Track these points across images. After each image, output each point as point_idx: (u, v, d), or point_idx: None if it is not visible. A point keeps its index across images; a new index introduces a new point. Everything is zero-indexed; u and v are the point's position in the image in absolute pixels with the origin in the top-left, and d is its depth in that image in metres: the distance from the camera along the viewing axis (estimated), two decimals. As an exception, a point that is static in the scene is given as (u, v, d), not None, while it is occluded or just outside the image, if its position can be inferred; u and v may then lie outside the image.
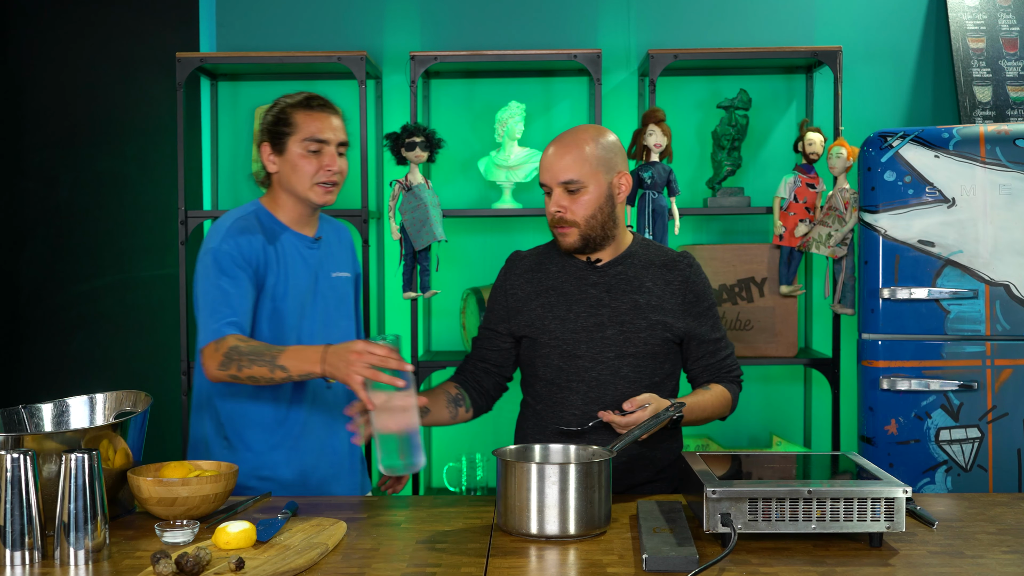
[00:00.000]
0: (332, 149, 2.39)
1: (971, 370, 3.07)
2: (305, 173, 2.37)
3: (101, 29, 3.95)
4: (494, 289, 2.47)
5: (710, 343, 2.37)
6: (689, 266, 2.38)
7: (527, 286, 2.40)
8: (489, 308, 2.47)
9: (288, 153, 2.38)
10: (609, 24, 3.90)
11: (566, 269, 2.38)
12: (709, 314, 2.38)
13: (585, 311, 2.32)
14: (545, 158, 2.32)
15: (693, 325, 2.35)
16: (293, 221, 2.44)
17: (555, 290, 2.36)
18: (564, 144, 2.30)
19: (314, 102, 2.41)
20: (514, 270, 2.45)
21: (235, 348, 2.16)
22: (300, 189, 2.38)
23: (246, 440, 2.37)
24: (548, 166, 2.30)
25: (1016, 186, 3.07)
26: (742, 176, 3.86)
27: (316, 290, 2.43)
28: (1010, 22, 3.78)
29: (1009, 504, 2.12)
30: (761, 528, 1.80)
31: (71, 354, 3.96)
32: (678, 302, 2.34)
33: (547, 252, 2.44)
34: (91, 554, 1.74)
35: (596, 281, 2.34)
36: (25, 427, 2.16)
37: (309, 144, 2.37)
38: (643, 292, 2.33)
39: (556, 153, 2.29)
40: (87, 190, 3.96)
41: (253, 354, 2.15)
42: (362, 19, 3.91)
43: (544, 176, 2.32)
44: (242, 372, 2.15)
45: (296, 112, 2.39)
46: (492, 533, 1.92)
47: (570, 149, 2.29)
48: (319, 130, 2.37)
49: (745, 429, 3.94)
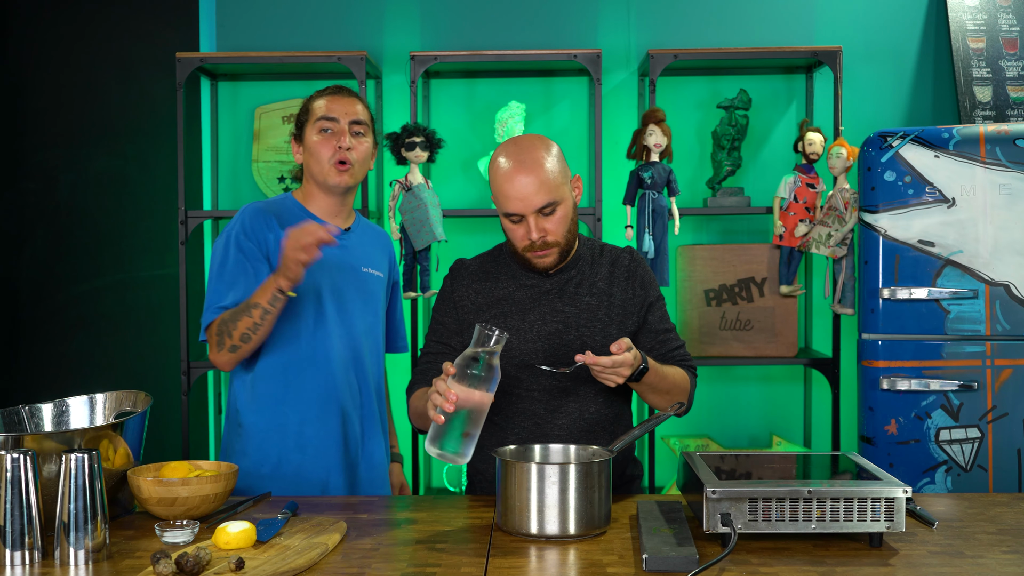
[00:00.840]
0: (343, 127, 2.41)
1: (971, 370, 3.07)
2: (321, 156, 2.41)
3: (101, 29, 3.95)
4: (441, 301, 2.36)
5: (659, 333, 2.31)
6: (632, 259, 2.35)
7: (477, 297, 2.31)
8: (438, 321, 2.35)
9: (306, 140, 2.44)
10: (609, 24, 3.90)
11: (516, 277, 2.31)
12: (657, 306, 2.33)
13: (540, 319, 2.26)
14: (512, 187, 2.16)
15: (643, 317, 2.31)
16: (323, 211, 2.47)
17: (507, 300, 2.29)
18: (526, 168, 2.16)
19: (330, 88, 2.48)
20: (461, 280, 2.35)
21: (221, 322, 2.31)
22: (318, 173, 2.42)
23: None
24: (520, 196, 2.16)
25: (1016, 186, 3.07)
26: (742, 176, 3.86)
27: (341, 279, 2.44)
28: (1010, 22, 3.78)
29: (1009, 504, 2.12)
30: (761, 528, 1.80)
31: (71, 354, 3.96)
32: (628, 297, 2.30)
33: (493, 260, 2.37)
34: (91, 554, 1.74)
35: (548, 288, 2.29)
36: (25, 427, 2.16)
37: (322, 124, 2.41)
38: (594, 294, 2.29)
39: (525, 181, 2.15)
40: (87, 190, 3.96)
41: (232, 316, 2.29)
42: (362, 19, 3.91)
43: (515, 206, 2.17)
44: (234, 337, 2.29)
45: (312, 100, 2.47)
46: (492, 533, 1.92)
47: (535, 171, 2.15)
48: (329, 110, 2.42)
49: (745, 429, 3.94)
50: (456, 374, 1.93)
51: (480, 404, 1.93)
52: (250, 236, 2.38)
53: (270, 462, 2.41)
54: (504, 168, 2.18)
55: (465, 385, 1.92)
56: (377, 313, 2.52)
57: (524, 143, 2.22)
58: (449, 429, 1.93)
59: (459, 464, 1.96)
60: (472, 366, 1.93)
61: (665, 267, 3.46)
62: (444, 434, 1.94)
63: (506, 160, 2.19)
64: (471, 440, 1.95)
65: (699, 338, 3.61)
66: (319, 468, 2.41)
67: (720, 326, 3.60)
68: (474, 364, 1.93)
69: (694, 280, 3.63)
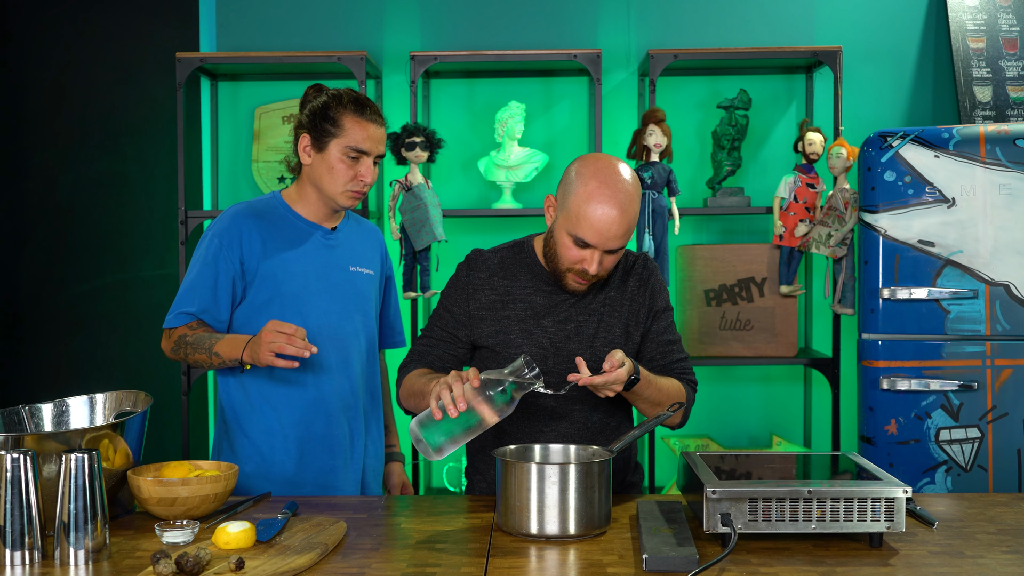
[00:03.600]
0: (370, 160, 2.39)
1: (971, 370, 3.07)
2: (340, 179, 2.38)
3: (101, 29, 3.95)
4: (454, 289, 2.30)
5: (663, 343, 2.28)
6: (645, 267, 2.32)
7: (492, 293, 2.27)
8: (446, 308, 2.30)
9: (327, 154, 2.38)
10: (609, 24, 3.90)
11: (535, 280, 2.27)
12: (664, 315, 2.30)
13: (552, 326, 2.24)
14: (600, 219, 2.09)
15: (649, 324, 2.29)
16: (312, 214, 2.46)
17: (522, 302, 2.26)
18: (623, 207, 2.09)
19: (367, 109, 2.39)
20: (478, 273, 2.29)
21: (182, 337, 2.36)
22: (329, 191, 2.40)
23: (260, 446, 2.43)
24: (605, 233, 2.10)
25: (1016, 186, 3.07)
26: (742, 176, 3.86)
27: (327, 280, 2.43)
28: (1010, 22, 3.78)
29: (1009, 504, 2.12)
30: (761, 528, 1.80)
31: (71, 354, 3.96)
32: (639, 305, 2.28)
33: (512, 256, 2.32)
34: (91, 554, 1.74)
35: (565, 296, 2.26)
36: (25, 427, 2.16)
37: (350, 151, 2.37)
38: (607, 303, 2.27)
39: (617, 220, 2.09)
40: (87, 190, 3.96)
41: (196, 343, 2.34)
42: (362, 19, 3.91)
43: (592, 237, 2.11)
44: (188, 359, 2.36)
45: (346, 115, 2.37)
46: (492, 533, 1.92)
47: (627, 213, 2.10)
48: (363, 140, 2.37)
49: (745, 429, 3.94)
50: (478, 387, 1.90)
51: (482, 422, 1.92)
52: (225, 244, 2.38)
53: (261, 463, 2.41)
54: (597, 192, 2.10)
55: (480, 399, 1.90)
56: (368, 312, 2.51)
57: (630, 180, 2.13)
58: (440, 424, 1.91)
59: (430, 459, 1.95)
60: (495, 389, 1.91)
61: (665, 267, 3.46)
62: (433, 425, 1.92)
63: (600, 184, 2.11)
64: (454, 444, 1.93)
65: (699, 338, 3.61)
66: (309, 470, 2.41)
67: (720, 326, 3.60)
68: (498, 390, 1.91)
69: (694, 280, 3.63)
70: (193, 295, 2.38)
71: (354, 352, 2.46)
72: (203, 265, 2.38)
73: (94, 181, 3.96)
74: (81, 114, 3.96)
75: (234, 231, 2.38)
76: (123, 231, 3.95)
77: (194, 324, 2.37)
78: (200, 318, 2.38)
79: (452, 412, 1.88)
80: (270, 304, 2.38)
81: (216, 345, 2.30)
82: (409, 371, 2.28)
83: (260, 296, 2.38)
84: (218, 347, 2.29)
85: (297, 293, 2.39)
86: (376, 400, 2.55)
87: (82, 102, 3.96)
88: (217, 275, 2.37)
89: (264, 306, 2.38)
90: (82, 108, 3.96)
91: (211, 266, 2.37)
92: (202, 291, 2.37)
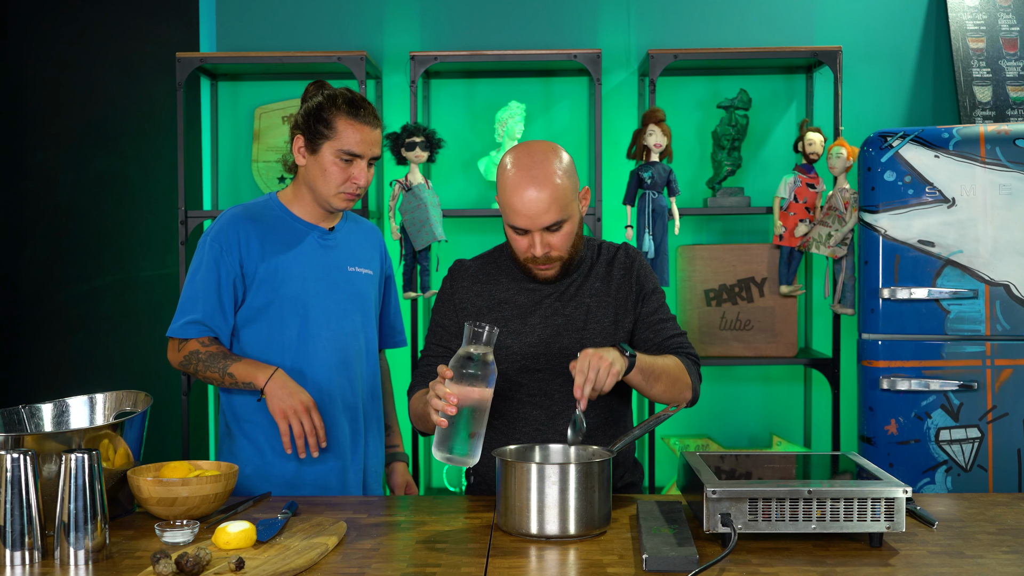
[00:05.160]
0: (364, 163, 2.38)
1: (971, 370, 3.07)
2: (332, 181, 2.37)
3: (101, 29, 3.95)
4: (441, 303, 2.33)
5: (654, 323, 2.27)
6: (627, 255, 2.32)
7: (477, 299, 2.29)
8: (438, 323, 2.33)
9: (320, 156, 2.37)
10: (609, 24, 3.90)
11: (517, 280, 2.29)
12: (653, 297, 2.29)
13: (540, 323, 2.25)
14: (520, 201, 2.10)
15: (638, 309, 2.29)
16: (309, 214, 2.46)
17: (508, 303, 2.27)
18: (537, 182, 2.09)
19: (361, 111, 2.37)
20: (461, 282, 2.32)
21: (195, 353, 2.36)
22: (323, 193, 2.39)
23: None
24: (528, 212, 2.10)
25: (1016, 186, 3.07)
26: (742, 176, 3.86)
27: (326, 281, 2.43)
28: (1010, 22, 3.78)
29: (1009, 504, 2.12)
30: (761, 528, 1.80)
31: (71, 354, 3.96)
32: (625, 293, 2.28)
33: (493, 261, 2.34)
34: (91, 554, 1.74)
35: (549, 292, 2.27)
36: (25, 427, 2.16)
37: (345, 155, 2.35)
38: (593, 295, 2.27)
39: (534, 197, 2.09)
40: (87, 190, 3.96)
41: (209, 360, 2.35)
42: (362, 19, 3.91)
43: (521, 221, 2.12)
44: (198, 374, 2.37)
45: (339, 117, 2.35)
46: (492, 533, 1.92)
47: (545, 187, 2.09)
48: (356, 143, 2.35)
49: (745, 429, 3.94)
50: (453, 376, 1.93)
51: (480, 402, 1.93)
52: (224, 248, 2.37)
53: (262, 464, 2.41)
54: (513, 178, 2.12)
55: (463, 385, 1.92)
56: (367, 312, 2.50)
57: (537, 154, 2.14)
58: (454, 432, 1.93)
59: (469, 466, 1.96)
60: (467, 365, 1.93)
61: (665, 267, 3.46)
62: (450, 437, 1.93)
63: (516, 170, 2.12)
64: (478, 440, 1.95)
65: (699, 338, 3.61)
66: (310, 471, 2.41)
67: (720, 326, 3.60)
68: (469, 363, 1.93)
69: (694, 280, 3.63)
70: (197, 301, 2.37)
71: (354, 352, 2.45)
72: (205, 270, 2.37)
73: (94, 181, 3.96)
74: (81, 114, 3.97)
75: (232, 234, 2.38)
76: (123, 231, 3.95)
77: (206, 340, 2.37)
78: (208, 326, 2.37)
79: (451, 410, 1.90)
80: (269, 306, 2.38)
81: (232, 366, 2.32)
82: (414, 393, 2.30)
83: (259, 298, 2.38)
84: (233, 368, 2.32)
85: (296, 295, 2.39)
86: (376, 400, 2.54)
87: (82, 102, 3.96)
88: (219, 280, 2.36)
89: (263, 308, 2.38)
90: (82, 108, 3.96)
91: (213, 271, 2.36)
92: (206, 297, 2.36)
